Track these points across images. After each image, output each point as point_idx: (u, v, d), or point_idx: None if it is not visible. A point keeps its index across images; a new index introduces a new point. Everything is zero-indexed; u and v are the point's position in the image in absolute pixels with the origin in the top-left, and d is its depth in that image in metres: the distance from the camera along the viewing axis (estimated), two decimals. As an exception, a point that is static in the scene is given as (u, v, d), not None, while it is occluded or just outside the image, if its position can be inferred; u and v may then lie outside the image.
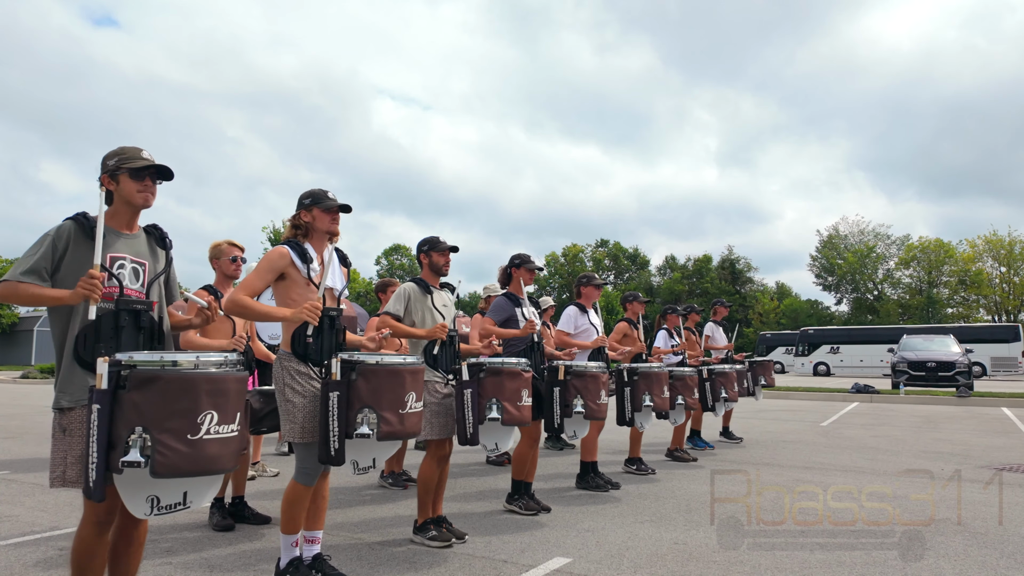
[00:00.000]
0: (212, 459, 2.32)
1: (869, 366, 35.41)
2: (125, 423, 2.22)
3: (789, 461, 7.53)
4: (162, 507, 2.41)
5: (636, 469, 6.75)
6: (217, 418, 2.32)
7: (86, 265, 2.54)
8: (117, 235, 2.68)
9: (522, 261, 5.41)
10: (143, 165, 2.66)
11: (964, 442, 9.39)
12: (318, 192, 3.52)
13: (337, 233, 3.55)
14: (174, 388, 2.25)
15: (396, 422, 3.24)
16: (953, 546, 4.29)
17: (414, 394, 3.36)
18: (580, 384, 5.18)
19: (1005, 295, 48.84)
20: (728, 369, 8.00)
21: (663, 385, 6.24)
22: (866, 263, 54.39)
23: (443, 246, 4.51)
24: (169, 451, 2.21)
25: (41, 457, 7.48)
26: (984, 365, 32.33)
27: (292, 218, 3.55)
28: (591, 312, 6.15)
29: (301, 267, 3.39)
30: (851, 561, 3.97)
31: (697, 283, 59.25)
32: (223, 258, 4.80)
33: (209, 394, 2.30)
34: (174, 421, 2.24)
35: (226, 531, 4.50)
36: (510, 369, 4.43)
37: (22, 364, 37.98)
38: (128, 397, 2.23)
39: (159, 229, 2.87)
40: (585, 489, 5.90)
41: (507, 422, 4.37)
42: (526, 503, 5.09)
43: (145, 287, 2.73)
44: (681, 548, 4.20)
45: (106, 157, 2.70)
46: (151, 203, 2.72)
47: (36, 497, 5.50)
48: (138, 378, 2.24)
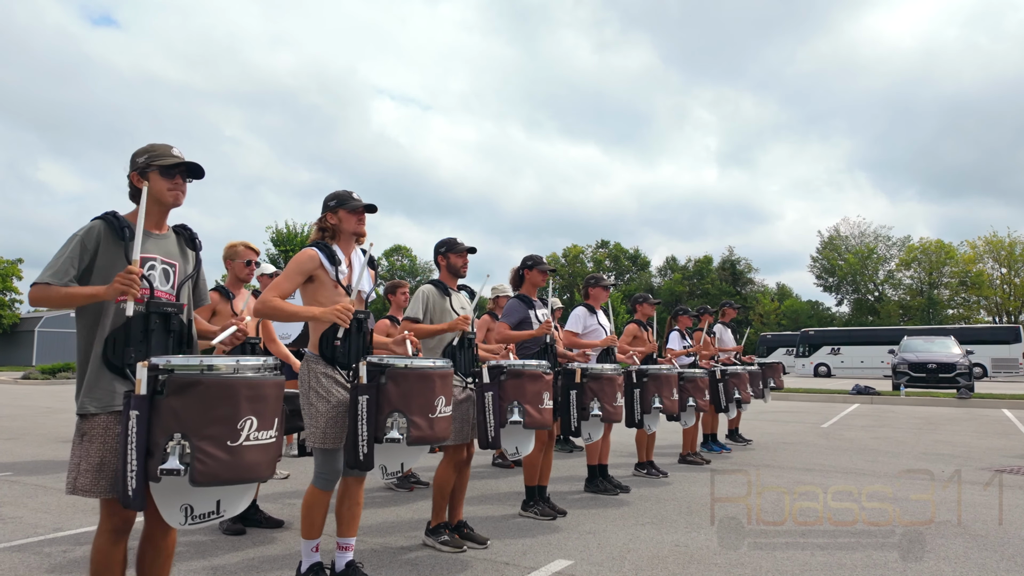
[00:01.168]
0: (251, 466, 2.28)
1: (870, 367, 35.40)
2: (163, 430, 2.18)
3: (790, 463, 7.53)
4: (196, 516, 2.37)
5: (648, 473, 6.71)
6: (256, 424, 2.28)
7: (118, 266, 2.50)
8: (147, 235, 2.63)
9: (535, 263, 5.38)
10: (174, 162, 2.62)
11: (965, 444, 9.40)
12: (343, 193, 3.50)
13: (364, 234, 3.52)
14: (214, 393, 2.21)
15: (426, 427, 3.21)
16: (954, 548, 4.30)
17: (443, 398, 3.33)
18: (596, 387, 5.15)
19: (1006, 296, 48.87)
20: (741, 370, 7.97)
21: (673, 387, 6.22)
22: (867, 264, 54.42)
23: (461, 247, 4.47)
24: (209, 458, 2.17)
25: (43, 459, 7.48)
26: (985, 366, 32.32)
27: (318, 221, 3.52)
28: (600, 313, 6.12)
29: (330, 269, 3.36)
30: (851, 563, 3.98)
31: (698, 284, 59.26)
32: (237, 260, 4.76)
33: (249, 399, 2.26)
34: (214, 427, 2.19)
35: (237, 535, 4.44)
36: (531, 371, 4.39)
37: (23, 365, 37.87)
38: (166, 403, 2.18)
39: (188, 229, 2.82)
40: (594, 493, 5.86)
41: (529, 425, 4.33)
42: (542, 508, 5.04)
43: (175, 289, 2.68)
44: (682, 550, 4.21)
45: (135, 154, 2.65)
46: (181, 201, 2.67)
47: (39, 499, 5.48)
48: (176, 383, 2.19)
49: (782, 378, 9.84)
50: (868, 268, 54.50)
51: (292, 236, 31.11)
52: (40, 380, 23.88)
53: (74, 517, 4.88)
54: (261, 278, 6.53)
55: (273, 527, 4.66)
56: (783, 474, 6.80)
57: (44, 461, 7.37)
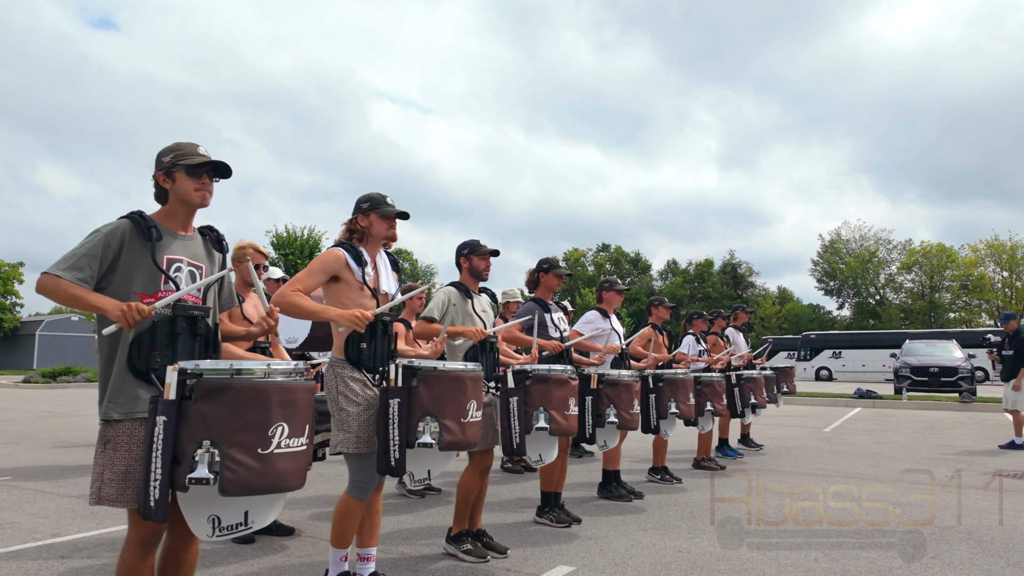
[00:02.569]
0: (282, 475, 2.17)
1: (871, 371, 35.33)
2: (191, 437, 2.08)
3: (792, 467, 7.48)
4: (224, 528, 2.26)
5: (661, 478, 6.61)
6: (288, 430, 2.18)
7: (142, 267, 2.40)
8: (173, 236, 2.53)
9: (551, 266, 5.29)
10: (201, 161, 2.51)
11: (967, 448, 9.36)
12: (377, 197, 3.42)
13: (395, 238, 3.45)
14: (244, 399, 2.11)
15: (458, 431, 3.12)
16: (954, 550, 4.29)
17: (475, 402, 3.24)
18: (613, 393, 5.05)
19: (1007, 300, 48.80)
20: (757, 375, 7.87)
21: (689, 392, 6.11)
22: (868, 267, 54.39)
23: (483, 250, 4.37)
24: (239, 467, 2.07)
25: (42, 464, 7.42)
26: (987, 370, 32.20)
27: (348, 222, 3.45)
28: (613, 317, 6.02)
29: (356, 270, 3.27)
30: (854, 567, 3.95)
31: (699, 287, 59.20)
32: (246, 264, 4.67)
33: (280, 405, 2.16)
34: (244, 434, 2.09)
35: (246, 544, 4.31)
36: (557, 376, 4.29)
37: (24, 368, 37.73)
38: (195, 408, 2.08)
39: (215, 230, 2.71)
40: (608, 499, 5.75)
41: (555, 432, 4.24)
42: (557, 515, 4.93)
43: (201, 292, 2.59)
44: (685, 556, 4.17)
45: (161, 153, 2.55)
46: (208, 202, 2.57)
47: (37, 504, 5.43)
48: (206, 388, 2.09)
49: (794, 383, 9.74)
50: (869, 272, 54.46)
51: (292, 239, 31.02)
52: (41, 384, 23.74)
53: (72, 522, 4.83)
54: (268, 283, 6.43)
55: (284, 535, 4.55)
56: (785, 479, 6.75)
57: (43, 466, 7.31)
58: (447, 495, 5.93)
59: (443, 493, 6.04)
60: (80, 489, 6.02)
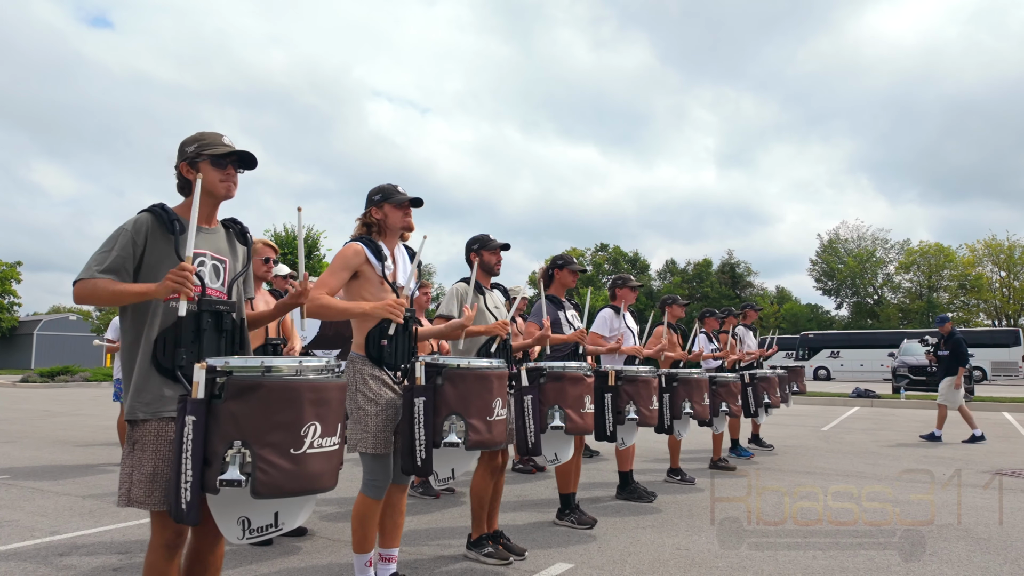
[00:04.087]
0: (315, 476, 2.10)
1: (869, 370, 35.35)
2: (222, 437, 2.00)
3: (790, 466, 7.47)
4: (254, 530, 2.19)
5: (681, 479, 6.54)
6: (320, 430, 2.10)
7: (167, 263, 2.32)
8: (197, 229, 2.46)
9: (565, 262, 5.22)
10: (226, 151, 2.44)
11: (965, 447, 9.40)
12: (388, 187, 3.36)
13: (411, 228, 3.38)
14: (277, 397, 2.03)
15: (484, 430, 3.05)
16: (954, 550, 4.27)
17: (500, 400, 3.17)
18: (632, 389, 4.98)
19: (1005, 299, 48.88)
20: (771, 375, 7.81)
21: (704, 392, 6.03)
22: (866, 267, 54.41)
23: (494, 244, 4.30)
24: (271, 468, 2.00)
25: (40, 462, 7.41)
26: (985, 370, 32.25)
27: (363, 216, 3.37)
28: (627, 315, 5.94)
29: (376, 265, 3.20)
30: (854, 566, 3.93)
31: (697, 287, 59.16)
32: (254, 258, 4.61)
33: (312, 403, 2.09)
34: (276, 434, 2.02)
35: (263, 545, 4.24)
36: (572, 374, 4.23)
37: (22, 368, 37.56)
38: (225, 407, 2.01)
39: (239, 223, 2.64)
40: (627, 499, 5.69)
41: (571, 431, 4.17)
42: (578, 516, 4.85)
43: (226, 287, 2.51)
44: (683, 553, 4.17)
45: (184, 144, 2.47)
46: (233, 193, 2.49)
47: (36, 502, 5.43)
48: (237, 386, 2.01)
49: (804, 382, 9.69)
50: (867, 271, 54.49)
51: (291, 239, 30.92)
52: (39, 383, 23.64)
53: (71, 520, 4.83)
54: (275, 279, 6.36)
55: (297, 536, 4.48)
56: (783, 478, 6.74)
57: (41, 464, 7.30)
58: (461, 495, 5.87)
59: (456, 493, 5.97)
60: (78, 488, 6.00)
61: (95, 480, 6.41)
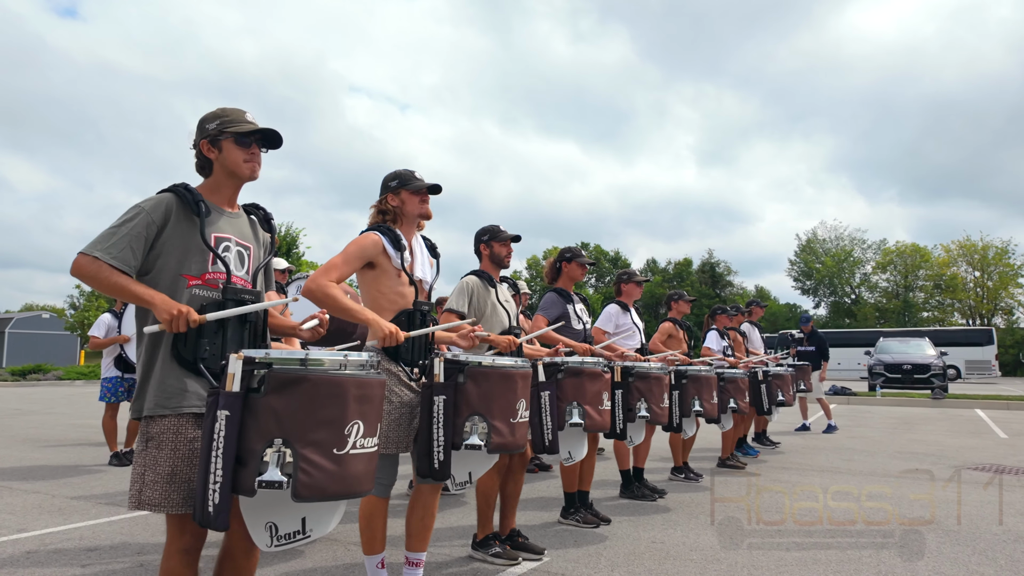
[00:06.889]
0: (357, 478, 1.95)
1: (846, 368, 35.69)
2: (261, 434, 1.84)
3: (764, 462, 7.52)
4: (281, 536, 2.04)
5: (685, 477, 6.46)
6: (363, 429, 1.96)
7: (192, 247, 2.16)
8: (220, 213, 2.29)
9: (573, 255, 5.11)
10: (251, 129, 2.28)
11: (938, 443, 9.55)
12: (405, 173, 3.20)
13: (429, 215, 3.23)
14: (321, 392, 1.88)
15: (507, 432, 2.90)
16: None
17: (524, 401, 3.02)
18: (644, 386, 4.87)
19: (979, 299, 49.76)
20: (784, 372, 7.74)
21: (712, 389, 5.93)
22: (844, 267, 55.06)
23: (504, 235, 4.15)
24: (314, 468, 1.84)
25: (10, 462, 7.13)
26: (959, 368, 32.75)
27: (378, 203, 3.22)
28: (633, 312, 5.83)
29: (394, 255, 3.04)
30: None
31: (678, 286, 59.48)
32: None
33: (357, 400, 1.94)
34: (320, 432, 1.87)
35: None
36: (591, 370, 4.11)
37: (-11, 367, 36.61)
38: (264, 402, 1.85)
39: (262, 209, 2.47)
40: (632, 499, 5.58)
41: (589, 428, 4.06)
42: (584, 515, 4.73)
43: (250, 275, 2.35)
44: (658, 547, 4.19)
45: (204, 120, 2.30)
46: (258, 174, 2.33)
47: (3, 500, 5.28)
48: (279, 379, 1.85)
49: (811, 381, 9.66)
50: (845, 271, 55.14)
51: (274, 235, 30.55)
52: (9, 382, 23.05)
53: (39, 518, 4.69)
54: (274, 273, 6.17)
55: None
56: (762, 473, 6.77)
57: (11, 463, 7.06)
58: (461, 495, 5.72)
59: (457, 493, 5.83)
60: (48, 486, 5.81)
61: (66, 479, 6.22)
